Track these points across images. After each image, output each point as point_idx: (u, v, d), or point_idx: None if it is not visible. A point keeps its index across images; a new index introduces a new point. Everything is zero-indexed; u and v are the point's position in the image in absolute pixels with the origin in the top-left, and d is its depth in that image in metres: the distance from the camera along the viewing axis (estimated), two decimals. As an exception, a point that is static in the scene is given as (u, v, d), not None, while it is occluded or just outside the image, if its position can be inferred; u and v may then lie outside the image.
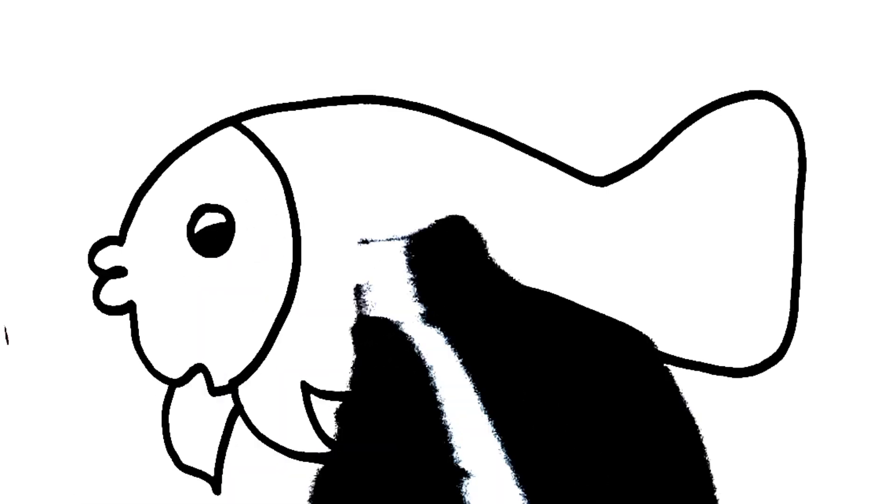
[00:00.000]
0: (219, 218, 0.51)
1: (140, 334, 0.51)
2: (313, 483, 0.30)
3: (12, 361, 0.50)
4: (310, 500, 0.30)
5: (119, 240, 0.51)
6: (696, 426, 0.33)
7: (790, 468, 0.51)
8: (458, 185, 0.50)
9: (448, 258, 0.33)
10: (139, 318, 0.51)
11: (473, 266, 0.34)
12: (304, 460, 0.50)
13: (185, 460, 0.51)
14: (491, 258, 0.35)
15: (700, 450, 0.31)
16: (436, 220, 0.36)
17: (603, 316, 0.34)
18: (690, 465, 0.31)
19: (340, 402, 0.32)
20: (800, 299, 0.51)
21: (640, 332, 0.34)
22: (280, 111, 0.51)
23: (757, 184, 0.51)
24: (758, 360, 0.51)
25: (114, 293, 0.51)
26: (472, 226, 0.35)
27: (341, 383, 0.49)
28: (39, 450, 0.51)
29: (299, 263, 0.50)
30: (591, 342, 0.32)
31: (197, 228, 0.51)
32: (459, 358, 0.33)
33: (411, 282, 0.35)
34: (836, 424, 0.51)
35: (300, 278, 0.50)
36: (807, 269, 0.51)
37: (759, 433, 0.51)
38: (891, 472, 0.51)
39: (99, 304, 0.51)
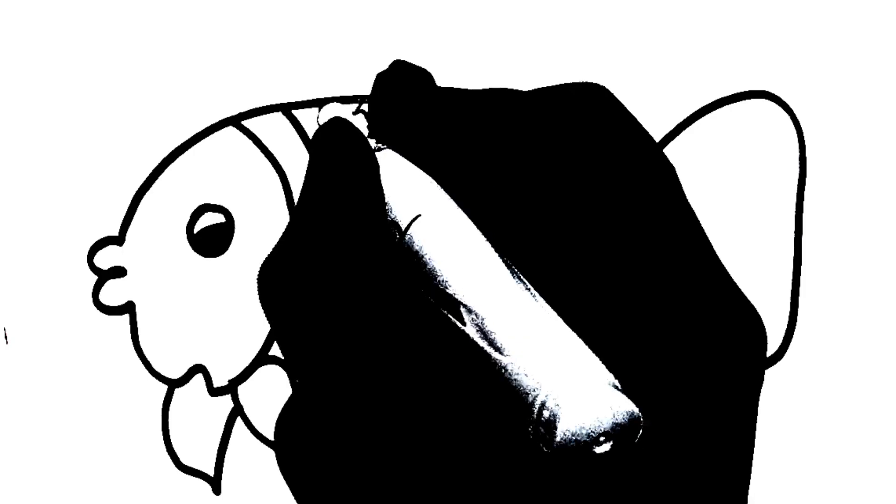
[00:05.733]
0: (218, 218, 0.51)
1: (139, 334, 0.51)
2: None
3: (12, 361, 0.50)
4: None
5: (119, 240, 0.51)
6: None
7: (790, 468, 0.51)
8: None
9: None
10: (139, 319, 0.51)
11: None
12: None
13: (184, 461, 0.51)
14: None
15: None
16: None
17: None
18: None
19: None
20: (800, 299, 0.51)
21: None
22: (280, 111, 0.51)
23: (757, 184, 0.51)
24: (758, 360, 0.51)
25: (113, 293, 0.51)
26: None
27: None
28: (39, 450, 0.51)
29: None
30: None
31: (196, 228, 0.51)
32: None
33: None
34: (836, 425, 0.51)
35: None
36: (807, 269, 0.51)
37: (758, 433, 0.51)
38: (891, 472, 0.51)
39: (98, 304, 0.50)
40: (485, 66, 0.51)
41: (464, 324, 0.24)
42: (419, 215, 0.26)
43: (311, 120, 0.51)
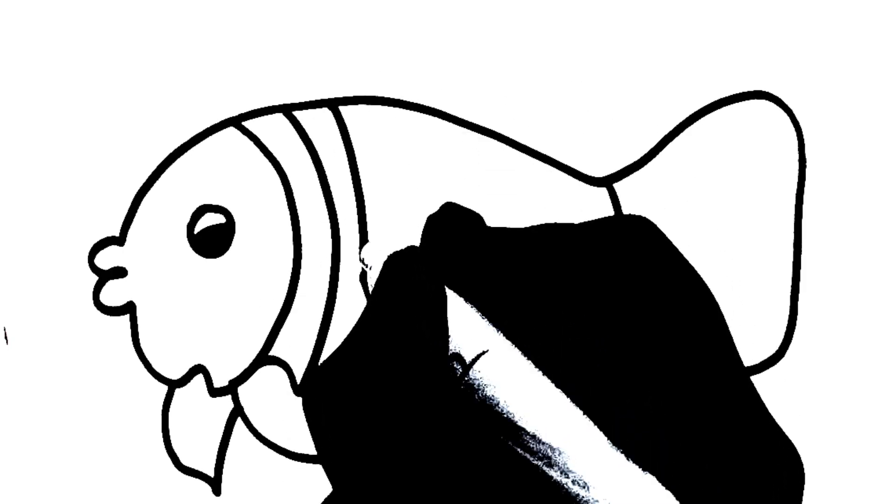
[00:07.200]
0: (219, 218, 0.51)
1: (140, 335, 0.51)
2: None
3: (12, 361, 0.50)
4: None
5: (119, 240, 0.51)
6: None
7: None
8: (459, 185, 0.50)
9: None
10: (139, 319, 0.51)
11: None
12: (305, 461, 0.50)
13: (184, 461, 0.51)
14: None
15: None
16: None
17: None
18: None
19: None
20: (800, 299, 0.51)
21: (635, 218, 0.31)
22: (281, 112, 0.51)
23: (757, 184, 0.51)
24: (758, 360, 0.51)
25: (114, 293, 0.51)
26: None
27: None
28: (39, 450, 0.51)
29: (300, 264, 0.50)
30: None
31: (197, 229, 0.51)
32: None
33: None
34: (836, 425, 0.51)
35: (300, 279, 0.50)
36: (807, 269, 0.51)
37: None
38: (891, 472, 0.51)
39: (99, 304, 0.51)
40: (484, 66, 0.51)
41: (535, 457, 0.25)
42: (486, 350, 0.26)
43: (311, 121, 0.51)
